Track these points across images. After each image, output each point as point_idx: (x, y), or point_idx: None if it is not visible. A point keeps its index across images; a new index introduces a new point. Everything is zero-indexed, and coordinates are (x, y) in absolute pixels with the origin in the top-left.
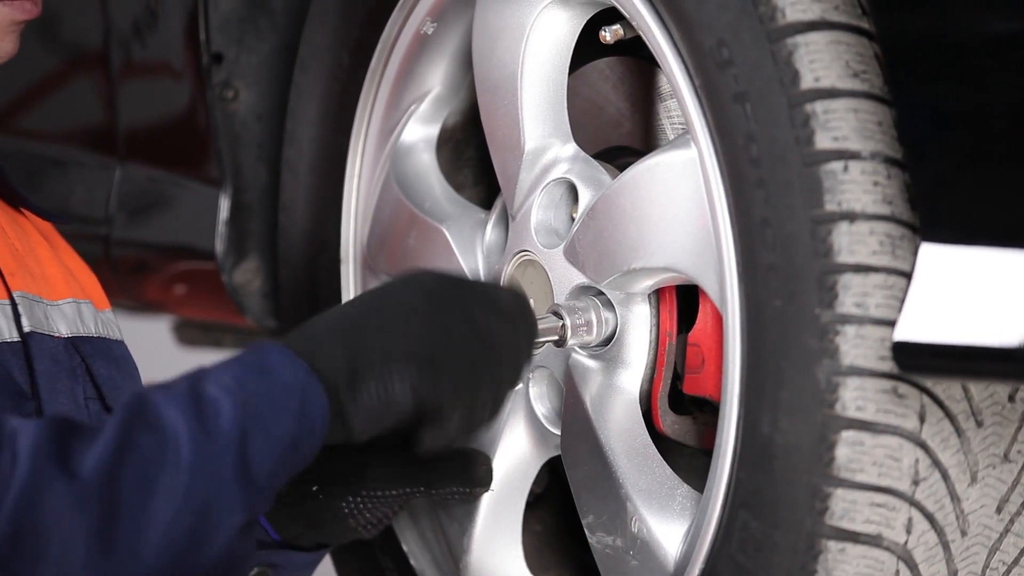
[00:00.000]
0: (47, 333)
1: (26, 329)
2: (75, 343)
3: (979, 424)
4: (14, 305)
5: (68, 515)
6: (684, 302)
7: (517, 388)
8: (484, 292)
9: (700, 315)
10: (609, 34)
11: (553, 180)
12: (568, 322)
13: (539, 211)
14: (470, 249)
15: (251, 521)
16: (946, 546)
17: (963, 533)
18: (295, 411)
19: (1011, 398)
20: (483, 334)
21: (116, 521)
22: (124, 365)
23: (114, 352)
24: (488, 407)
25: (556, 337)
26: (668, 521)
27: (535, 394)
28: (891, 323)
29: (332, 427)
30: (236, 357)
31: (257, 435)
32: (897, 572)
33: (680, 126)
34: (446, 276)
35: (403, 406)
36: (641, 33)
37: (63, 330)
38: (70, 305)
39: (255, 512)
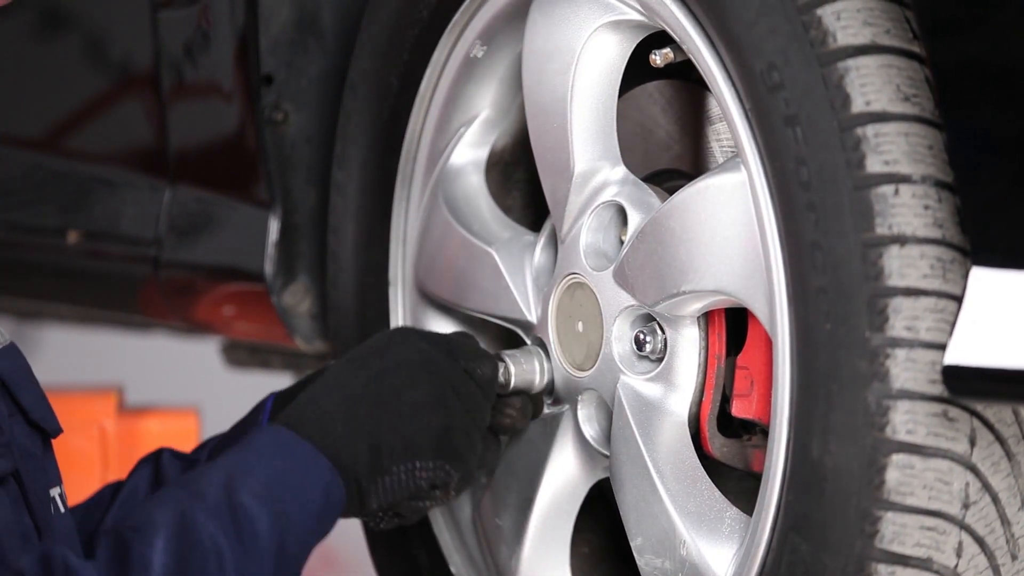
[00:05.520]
0: None
1: None
2: None
3: None
4: None
5: None
6: (733, 325)
7: (565, 410)
8: (466, 358)
9: (749, 338)
10: (659, 57)
11: (602, 203)
12: (511, 368)
13: (588, 234)
14: (519, 271)
15: None
16: (996, 570)
17: (1013, 557)
18: (321, 507)
19: None
20: (473, 409)
21: None
22: (26, 370)
23: (16, 361)
24: (477, 467)
25: (500, 382)
26: (717, 544)
27: (584, 416)
28: (941, 347)
29: (349, 508)
30: (259, 448)
31: (290, 540)
32: None
33: (730, 149)
34: (431, 342)
35: (421, 493)
36: (691, 56)
37: None
38: None
39: None
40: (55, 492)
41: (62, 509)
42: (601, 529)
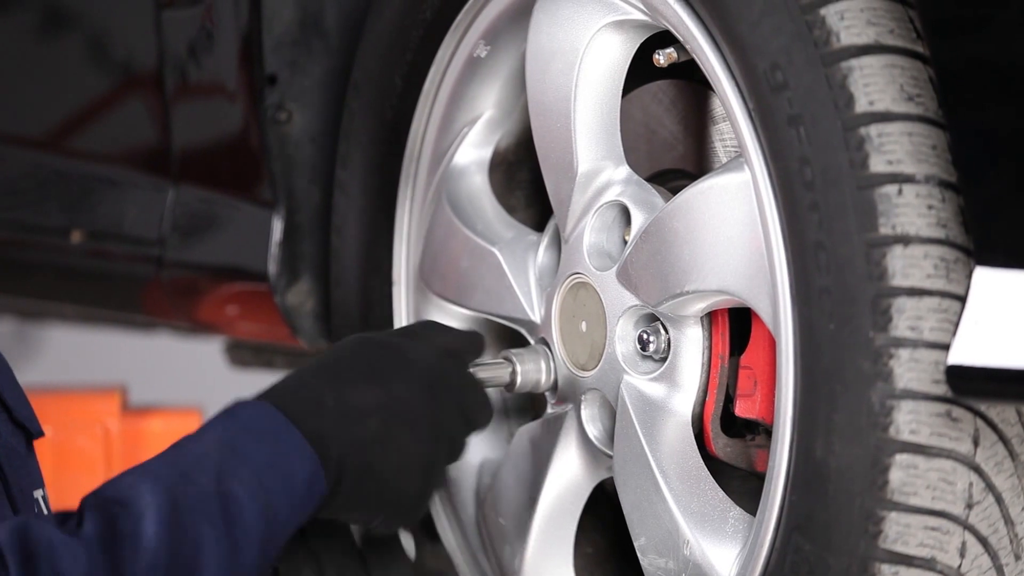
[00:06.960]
0: None
1: None
2: None
3: None
4: None
5: None
6: (736, 325)
7: (568, 410)
8: (470, 408)
9: (753, 338)
10: (663, 57)
11: (606, 203)
12: (519, 367)
13: (592, 233)
14: (522, 271)
15: None
16: (1000, 570)
17: (1017, 557)
18: (303, 499)
19: None
20: (457, 447)
21: None
22: (7, 369)
23: None
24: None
25: (507, 381)
26: (720, 544)
27: (587, 416)
28: (945, 347)
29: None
30: (248, 426)
31: (276, 533)
32: None
33: (733, 149)
34: (444, 373)
35: (367, 523)
36: (695, 56)
37: None
38: None
39: None
40: (38, 494)
41: (44, 511)
42: (605, 529)
